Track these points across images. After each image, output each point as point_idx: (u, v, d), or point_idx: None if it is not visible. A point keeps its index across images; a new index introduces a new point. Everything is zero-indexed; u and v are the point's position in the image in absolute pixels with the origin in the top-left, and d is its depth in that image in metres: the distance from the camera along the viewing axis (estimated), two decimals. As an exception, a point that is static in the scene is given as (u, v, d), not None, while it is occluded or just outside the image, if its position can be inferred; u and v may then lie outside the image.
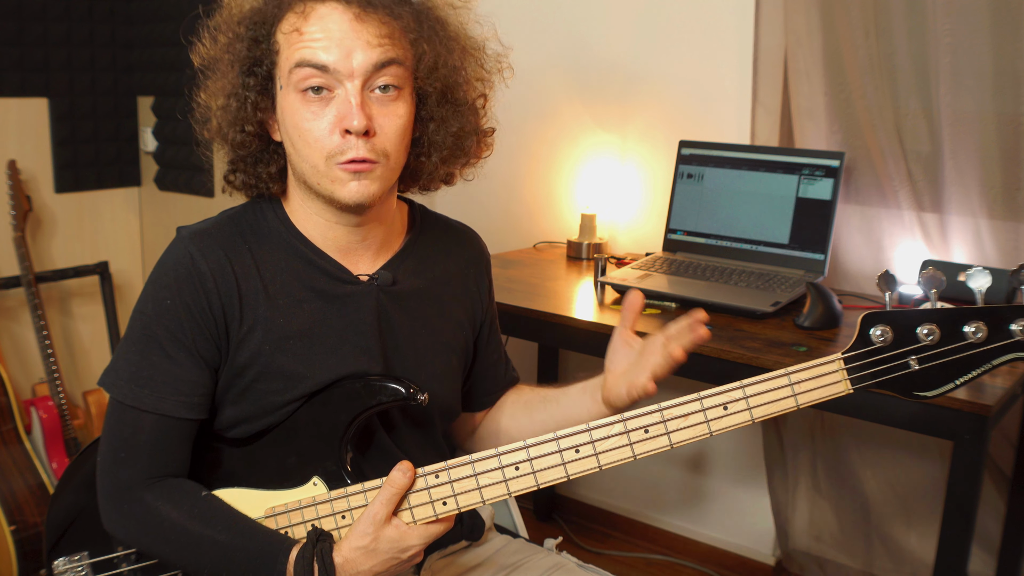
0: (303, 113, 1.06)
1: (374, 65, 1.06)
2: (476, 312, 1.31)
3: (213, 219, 1.18)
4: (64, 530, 1.21)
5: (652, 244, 2.43)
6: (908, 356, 1.01)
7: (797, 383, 1.03)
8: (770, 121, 2.22)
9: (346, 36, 1.05)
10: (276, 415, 1.14)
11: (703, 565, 2.55)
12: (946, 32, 1.92)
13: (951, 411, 1.48)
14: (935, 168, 2.02)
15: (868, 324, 1.02)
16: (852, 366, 1.03)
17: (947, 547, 1.54)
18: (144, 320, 1.11)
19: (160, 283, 1.11)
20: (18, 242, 2.68)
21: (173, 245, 1.14)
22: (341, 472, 1.12)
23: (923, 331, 1.01)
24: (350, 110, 1.05)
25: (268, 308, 1.12)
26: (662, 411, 1.04)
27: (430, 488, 1.07)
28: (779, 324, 1.83)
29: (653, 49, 2.41)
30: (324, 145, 1.06)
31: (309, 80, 1.05)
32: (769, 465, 2.38)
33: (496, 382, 1.38)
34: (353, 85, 1.05)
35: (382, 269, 1.19)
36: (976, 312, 1.00)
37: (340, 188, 1.08)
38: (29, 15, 2.79)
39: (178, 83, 2.89)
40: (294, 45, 1.06)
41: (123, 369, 1.11)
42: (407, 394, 1.12)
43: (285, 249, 1.15)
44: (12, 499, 2.38)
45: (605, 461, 1.04)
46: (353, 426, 1.13)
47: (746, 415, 1.03)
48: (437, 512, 1.07)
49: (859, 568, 2.33)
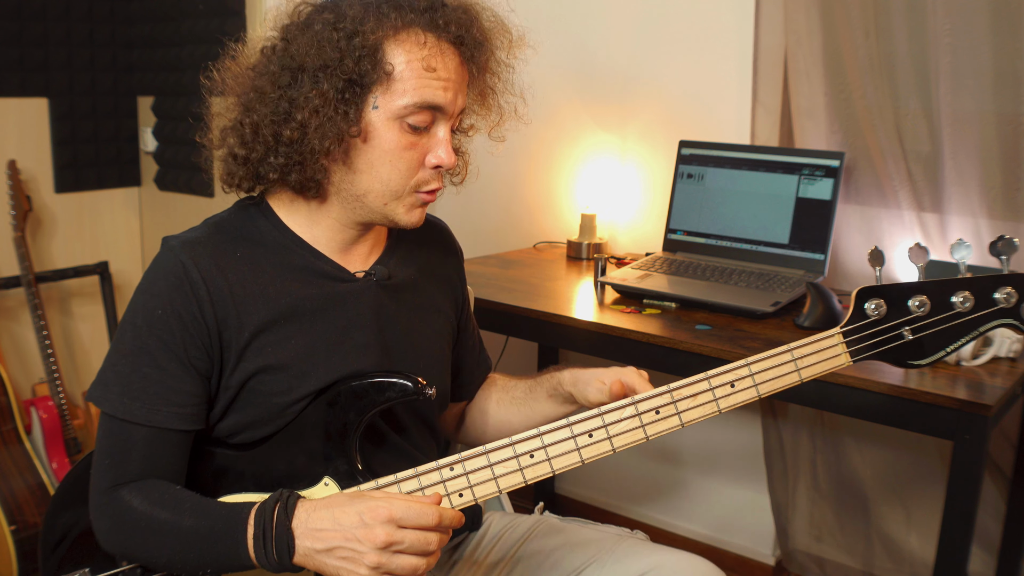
0: (401, 143, 1.09)
1: (463, 109, 1.14)
2: (456, 299, 1.35)
3: (199, 228, 1.16)
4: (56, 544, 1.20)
5: (652, 244, 2.43)
6: (902, 327, 1.08)
7: (800, 358, 1.08)
8: (770, 121, 2.22)
9: (458, 79, 1.11)
10: (283, 417, 1.14)
11: (703, 565, 2.55)
12: (946, 32, 1.92)
13: (951, 411, 1.48)
14: (935, 168, 2.02)
15: (863, 298, 1.08)
16: (851, 339, 1.08)
17: (947, 547, 1.54)
18: (134, 331, 1.09)
19: (150, 292, 1.09)
20: (18, 242, 2.68)
21: (162, 255, 1.12)
22: (353, 471, 1.12)
23: (914, 303, 1.08)
24: (447, 149, 1.12)
25: (267, 312, 1.12)
26: (671, 392, 1.07)
27: (445, 481, 1.07)
28: (779, 324, 1.83)
29: (653, 49, 2.41)
30: (413, 175, 1.11)
31: (421, 116, 1.09)
32: (769, 465, 2.38)
33: (475, 368, 1.42)
34: (448, 126, 1.12)
35: (377, 264, 1.21)
36: (963, 282, 1.09)
37: (407, 213, 1.14)
38: (29, 15, 2.79)
39: (178, 83, 2.89)
40: (419, 81, 1.07)
41: (113, 382, 1.08)
42: (416, 389, 1.12)
43: (280, 252, 1.15)
44: (12, 499, 2.38)
45: (619, 444, 1.07)
46: (363, 424, 1.13)
47: (752, 391, 1.08)
48: (454, 505, 1.07)
49: (859, 568, 2.33)
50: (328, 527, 0.98)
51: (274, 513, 1.00)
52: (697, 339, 1.73)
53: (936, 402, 1.49)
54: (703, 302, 1.91)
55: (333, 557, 0.97)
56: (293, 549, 0.98)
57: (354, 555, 0.96)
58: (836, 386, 1.58)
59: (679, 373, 1.91)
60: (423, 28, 1.07)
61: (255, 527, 1.00)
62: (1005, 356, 1.65)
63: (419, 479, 1.07)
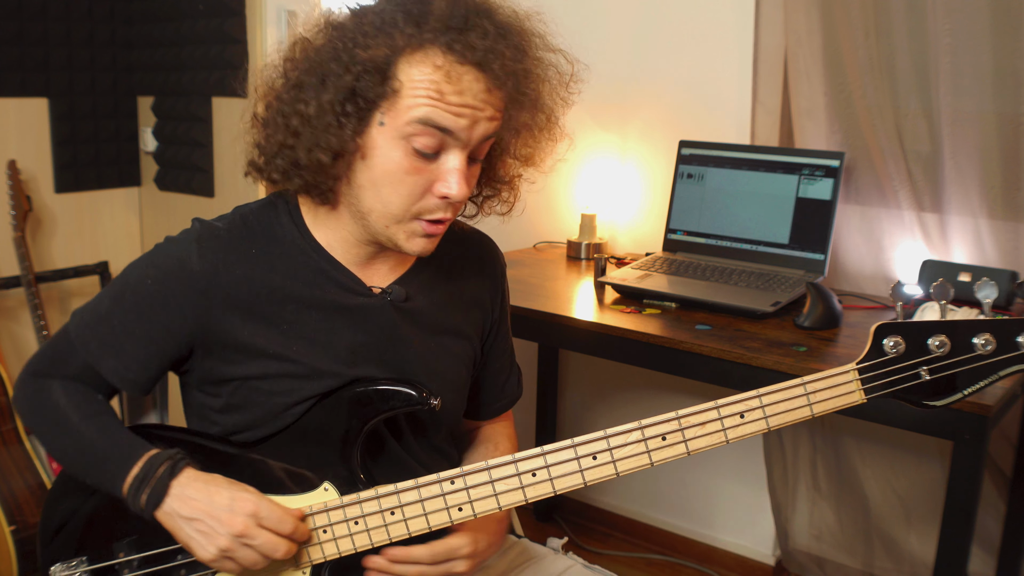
0: (404, 165, 1.04)
1: (485, 137, 1.06)
2: (485, 323, 1.30)
3: (227, 217, 1.17)
4: (56, 532, 1.20)
5: (652, 244, 2.43)
6: (920, 367, 1.04)
7: (812, 392, 1.05)
8: (770, 121, 2.22)
9: (477, 107, 1.03)
10: (284, 418, 1.14)
11: (703, 565, 2.55)
12: (946, 32, 1.92)
13: (951, 411, 1.48)
14: (935, 168, 2.02)
15: (881, 335, 1.04)
16: (866, 376, 1.05)
17: (947, 547, 1.54)
18: (124, 284, 1.15)
19: (153, 263, 1.14)
20: (18, 242, 2.68)
21: (183, 235, 1.14)
22: (353, 477, 1.12)
23: (934, 342, 1.04)
24: (456, 179, 1.05)
25: (273, 312, 1.12)
26: (679, 419, 1.05)
27: (446, 495, 1.06)
28: (779, 324, 1.83)
29: (653, 49, 2.41)
30: (414, 201, 1.06)
31: (426, 140, 1.03)
32: (769, 465, 2.38)
33: (497, 393, 1.37)
34: (463, 154, 1.05)
35: (395, 284, 1.18)
36: (985, 324, 1.03)
37: (409, 241, 1.09)
38: (29, 15, 2.79)
39: (178, 83, 2.89)
40: (427, 100, 1.01)
41: (89, 312, 1.16)
42: (419, 399, 1.11)
43: (297, 256, 1.14)
44: (12, 499, 2.38)
45: (623, 468, 1.05)
46: (364, 431, 1.12)
47: (762, 423, 1.05)
48: (453, 518, 1.07)
49: (859, 568, 2.33)
50: (200, 499, 1.05)
51: (161, 466, 1.06)
52: (697, 339, 1.73)
53: (936, 402, 1.49)
54: (703, 302, 1.91)
55: (191, 527, 1.05)
56: (160, 504, 1.06)
57: (210, 532, 1.04)
58: (836, 386, 1.58)
59: (679, 373, 1.91)
60: (443, 48, 1.01)
61: (140, 469, 1.07)
62: (1005, 356, 1.65)
63: (419, 491, 1.07)
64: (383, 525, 1.09)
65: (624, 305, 1.96)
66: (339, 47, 1.03)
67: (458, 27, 1.02)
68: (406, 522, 1.09)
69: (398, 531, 1.09)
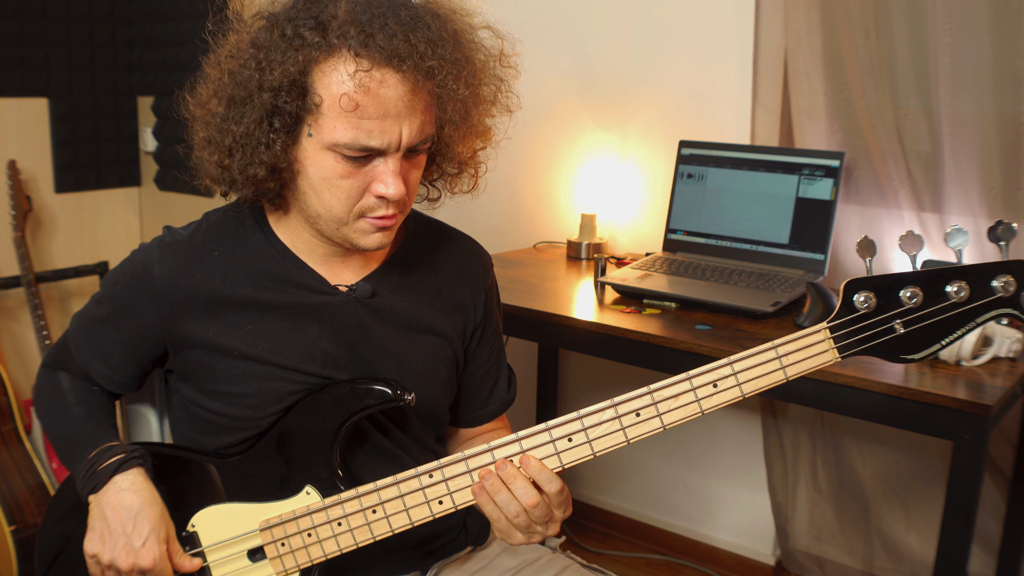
0: (338, 171, 1.04)
1: (418, 141, 1.05)
2: (467, 325, 1.28)
3: (195, 223, 1.21)
4: (52, 561, 1.21)
5: (652, 244, 2.43)
6: (893, 320, 1.01)
7: (784, 355, 1.02)
8: (770, 121, 2.22)
9: (400, 112, 1.01)
10: (259, 422, 1.15)
11: (703, 565, 2.55)
12: (946, 32, 1.92)
13: (951, 411, 1.48)
14: (935, 168, 2.02)
15: (851, 291, 1.01)
16: (838, 334, 1.01)
17: (947, 547, 1.54)
18: (104, 289, 1.23)
19: (123, 269, 1.20)
20: (18, 242, 2.68)
21: (152, 242, 1.19)
22: (333, 479, 1.12)
23: (906, 294, 1.00)
24: (390, 179, 1.04)
25: (235, 314, 1.13)
26: (652, 393, 1.03)
27: (424, 488, 1.06)
28: (779, 324, 1.83)
29: (653, 49, 2.41)
30: (354, 203, 1.07)
31: (354, 152, 1.02)
32: (769, 465, 2.38)
33: (484, 399, 1.34)
34: (396, 155, 1.05)
35: (362, 281, 1.18)
36: (957, 271, 1.00)
37: (363, 238, 1.10)
38: (29, 15, 2.79)
39: (178, 83, 2.89)
40: (346, 120, 1.00)
41: (81, 316, 1.25)
42: (393, 395, 1.11)
43: (261, 258, 1.16)
44: (12, 499, 2.38)
45: (599, 448, 1.04)
46: (342, 431, 1.12)
47: (736, 391, 1.03)
48: (434, 512, 1.07)
49: (859, 568, 2.33)
50: (124, 507, 1.09)
51: (113, 457, 1.12)
52: (697, 339, 1.73)
53: (936, 402, 1.49)
54: (703, 302, 1.91)
55: (102, 523, 1.10)
56: (94, 491, 1.12)
57: (109, 541, 1.09)
58: (836, 386, 1.58)
59: (679, 373, 1.91)
60: (352, 53, 0.98)
61: (94, 456, 1.13)
62: (1005, 356, 1.65)
63: (398, 487, 1.07)
64: (366, 524, 1.09)
65: (624, 305, 1.96)
66: (254, 65, 1.01)
67: (364, 27, 0.99)
68: (388, 519, 1.09)
69: (380, 529, 1.09)
